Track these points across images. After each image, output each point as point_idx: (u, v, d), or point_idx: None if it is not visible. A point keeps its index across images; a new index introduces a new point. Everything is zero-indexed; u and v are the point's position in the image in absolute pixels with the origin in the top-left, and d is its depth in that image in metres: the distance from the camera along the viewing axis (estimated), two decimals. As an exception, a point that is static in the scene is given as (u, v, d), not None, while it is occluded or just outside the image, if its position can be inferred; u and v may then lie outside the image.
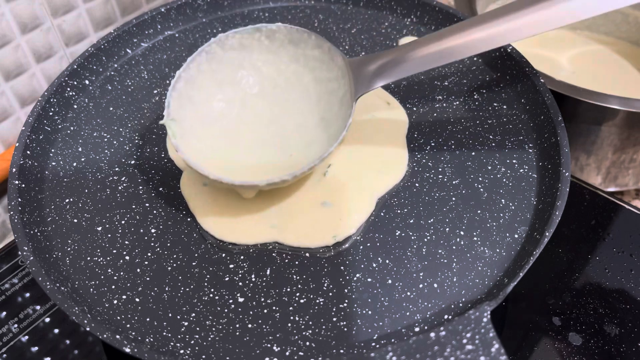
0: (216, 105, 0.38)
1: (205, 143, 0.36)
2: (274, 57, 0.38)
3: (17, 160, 0.37)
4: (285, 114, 0.38)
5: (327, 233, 0.35)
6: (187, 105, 0.37)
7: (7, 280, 0.43)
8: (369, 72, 0.36)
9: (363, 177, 0.37)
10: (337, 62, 0.37)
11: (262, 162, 0.36)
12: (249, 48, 0.38)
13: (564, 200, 0.33)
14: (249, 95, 0.39)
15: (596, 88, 0.43)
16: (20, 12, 0.46)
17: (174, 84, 0.36)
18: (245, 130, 0.38)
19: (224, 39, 0.37)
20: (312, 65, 0.38)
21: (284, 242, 0.35)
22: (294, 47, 0.38)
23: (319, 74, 0.38)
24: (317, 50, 0.37)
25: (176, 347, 0.30)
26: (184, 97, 0.37)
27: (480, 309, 0.26)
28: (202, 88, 0.37)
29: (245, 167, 0.36)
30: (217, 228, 0.35)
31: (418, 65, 0.35)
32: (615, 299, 0.39)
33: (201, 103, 0.37)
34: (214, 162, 0.35)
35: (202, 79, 0.37)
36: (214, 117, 0.38)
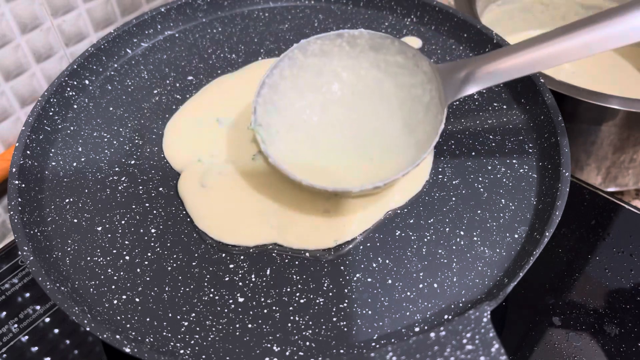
0: (298, 111, 0.38)
1: (289, 149, 0.37)
2: (354, 62, 0.39)
3: (17, 160, 0.37)
4: (365, 119, 0.38)
5: (328, 238, 0.35)
6: (272, 111, 0.37)
7: (7, 280, 0.43)
8: (459, 78, 0.35)
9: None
10: (423, 68, 0.37)
11: (344, 167, 0.37)
12: (329, 54, 0.38)
13: (564, 200, 0.33)
14: (329, 101, 0.39)
15: (596, 88, 0.43)
16: (20, 12, 0.46)
17: (258, 89, 0.37)
18: (326, 136, 0.38)
19: (305, 45, 0.38)
20: (393, 71, 0.38)
21: (283, 244, 0.35)
22: (375, 53, 0.38)
23: (401, 79, 0.38)
24: (400, 56, 0.37)
25: (176, 347, 0.30)
26: (269, 102, 0.37)
27: (480, 309, 0.26)
28: (285, 94, 0.38)
29: (328, 173, 0.36)
30: (215, 229, 0.35)
31: (507, 73, 0.35)
32: (615, 299, 0.39)
33: (285, 109, 0.38)
34: (298, 167, 0.35)
35: (284, 85, 0.38)
36: (296, 124, 0.38)
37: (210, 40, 0.48)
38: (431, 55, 0.46)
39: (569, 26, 0.33)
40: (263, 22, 0.49)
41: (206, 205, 0.36)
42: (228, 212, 0.36)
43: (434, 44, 0.46)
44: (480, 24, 0.45)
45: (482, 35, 0.44)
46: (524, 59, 0.34)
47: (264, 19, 0.49)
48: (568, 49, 0.33)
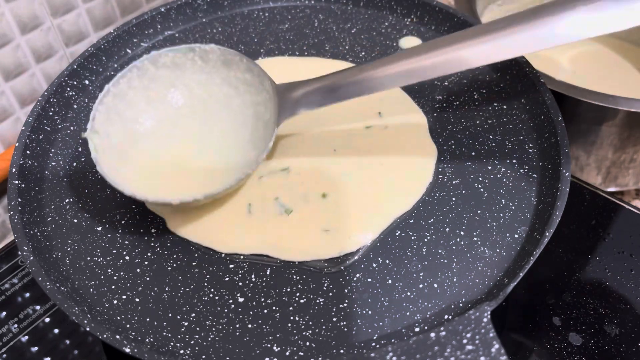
0: (147, 123, 0.38)
1: (133, 160, 0.36)
2: (206, 77, 0.39)
3: (17, 160, 0.37)
4: (214, 135, 0.38)
5: (326, 253, 0.34)
6: (116, 120, 0.36)
7: (7, 280, 0.43)
8: (293, 98, 0.36)
9: (376, 200, 0.36)
10: (266, 87, 0.37)
11: (189, 179, 0.36)
12: (182, 67, 0.38)
13: (564, 200, 0.33)
14: (179, 115, 0.39)
15: (596, 88, 0.43)
16: (20, 12, 0.46)
17: (101, 97, 0.36)
18: (174, 149, 0.38)
19: (156, 57, 0.37)
20: (242, 89, 0.38)
21: (279, 257, 0.34)
22: (227, 69, 0.38)
23: (248, 97, 0.38)
24: (248, 74, 0.38)
25: (176, 347, 0.30)
26: (113, 111, 0.36)
27: (480, 309, 0.26)
28: (133, 104, 0.37)
29: (174, 185, 0.36)
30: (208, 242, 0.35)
31: (340, 95, 0.36)
32: (615, 299, 0.39)
33: (131, 120, 0.37)
34: (140, 179, 0.35)
35: (132, 95, 0.37)
36: (144, 135, 0.37)
37: (210, 40, 0.48)
38: (431, 55, 0.46)
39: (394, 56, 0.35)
40: (263, 22, 0.49)
41: (193, 220, 0.36)
42: (220, 227, 0.35)
43: (434, 44, 0.46)
44: (480, 24, 0.45)
45: (482, 35, 0.44)
46: (348, 81, 0.35)
47: (264, 19, 0.49)
48: (392, 75, 0.34)
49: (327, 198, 0.36)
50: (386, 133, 0.40)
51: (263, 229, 0.35)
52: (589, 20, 0.31)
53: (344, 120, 0.41)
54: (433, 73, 0.34)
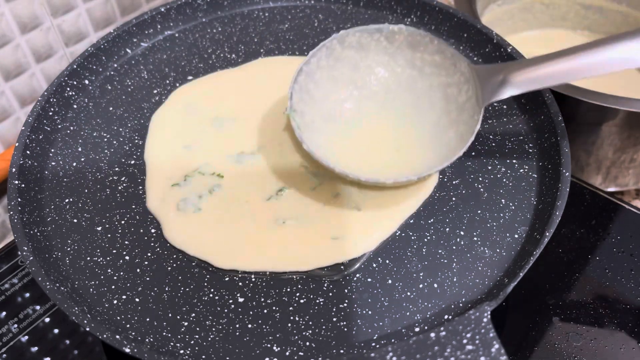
0: (333, 103, 0.39)
1: (323, 139, 0.37)
2: (389, 59, 0.39)
3: (17, 160, 0.37)
4: (397, 117, 0.39)
5: (332, 260, 0.34)
6: (307, 99, 0.38)
7: (7, 280, 0.43)
8: (497, 81, 0.35)
9: (383, 205, 0.36)
10: (460, 68, 0.37)
11: (374, 161, 0.37)
12: (367, 48, 0.39)
13: (564, 200, 0.33)
14: (363, 96, 0.39)
15: (596, 88, 0.43)
16: (20, 12, 0.46)
17: (295, 76, 0.37)
18: (358, 130, 0.38)
19: (344, 36, 0.38)
20: (429, 70, 0.38)
21: (288, 270, 0.34)
22: (412, 51, 0.38)
23: (436, 79, 0.38)
24: (438, 56, 0.38)
25: (176, 347, 0.30)
26: (304, 90, 0.37)
27: (480, 309, 0.26)
28: (319, 84, 0.38)
29: (359, 165, 0.36)
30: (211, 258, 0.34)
31: (543, 80, 0.35)
32: (615, 299, 0.39)
33: (319, 99, 0.38)
34: (330, 157, 0.35)
35: (320, 74, 0.38)
36: (330, 115, 0.38)
37: (210, 40, 0.48)
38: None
39: (608, 38, 0.34)
40: (263, 22, 0.49)
41: (193, 232, 0.35)
42: (225, 241, 0.35)
43: (434, 43, 0.46)
44: (480, 24, 0.45)
45: (482, 35, 0.44)
46: (561, 68, 0.34)
47: (264, 19, 0.49)
48: (605, 61, 0.33)
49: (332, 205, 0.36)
50: None
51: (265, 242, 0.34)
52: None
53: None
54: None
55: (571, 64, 0.34)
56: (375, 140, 0.38)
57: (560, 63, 0.34)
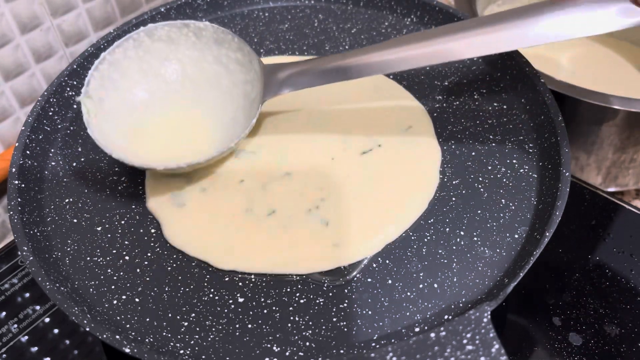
0: (140, 94, 0.39)
1: (123, 127, 0.38)
2: (199, 54, 0.40)
3: (17, 160, 0.37)
4: (202, 111, 0.40)
5: (333, 264, 0.34)
6: (110, 87, 0.38)
7: (7, 280, 0.43)
8: (279, 79, 0.38)
9: (383, 210, 0.36)
10: (254, 66, 0.39)
11: (174, 151, 0.38)
12: (176, 42, 0.40)
13: (564, 200, 0.33)
14: (170, 89, 0.40)
15: (596, 88, 0.43)
16: (20, 12, 0.46)
17: (97, 64, 0.37)
18: (163, 121, 0.39)
19: (152, 29, 0.39)
20: (233, 67, 0.40)
21: (287, 272, 0.34)
22: (218, 48, 0.39)
23: (237, 76, 0.40)
24: (239, 53, 0.39)
25: (176, 347, 0.30)
26: (106, 78, 0.38)
27: (480, 309, 0.26)
28: (127, 74, 0.39)
29: (160, 154, 0.37)
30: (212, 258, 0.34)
31: (321, 77, 0.37)
32: (615, 299, 0.39)
33: (124, 89, 0.39)
34: (129, 145, 0.37)
35: (127, 64, 0.39)
36: (136, 105, 0.39)
37: (210, 40, 0.48)
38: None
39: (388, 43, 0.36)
40: (263, 22, 0.49)
41: (191, 229, 0.35)
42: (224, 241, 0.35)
43: (434, 44, 0.46)
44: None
45: (482, 35, 0.44)
46: (332, 65, 0.37)
47: (264, 19, 0.49)
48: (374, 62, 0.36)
49: (332, 208, 0.36)
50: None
51: (266, 244, 0.34)
52: (575, 20, 0.33)
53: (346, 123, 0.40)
54: (419, 63, 0.35)
55: (341, 63, 0.37)
56: (173, 131, 0.39)
57: (331, 62, 0.37)
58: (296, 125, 0.40)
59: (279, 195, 0.36)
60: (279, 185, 0.37)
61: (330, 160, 0.38)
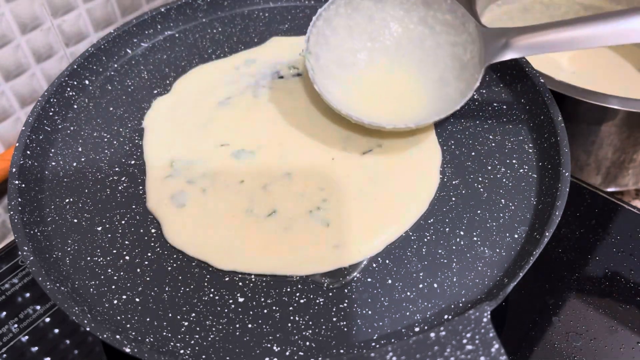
0: (347, 53, 0.41)
1: (334, 84, 0.39)
2: (404, 14, 0.41)
3: (17, 160, 0.37)
4: (404, 71, 0.41)
5: (333, 266, 0.34)
6: (323, 43, 0.39)
7: (7, 280, 0.43)
8: (500, 43, 0.38)
9: (383, 212, 0.36)
10: (468, 29, 0.39)
11: (380, 110, 0.39)
12: (384, 0, 0.41)
13: (564, 200, 0.33)
14: (375, 49, 0.41)
15: (596, 88, 0.43)
16: (20, 12, 0.46)
17: (314, 20, 0.39)
18: (367, 80, 0.41)
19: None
20: (439, 29, 0.40)
21: (287, 274, 0.34)
22: (426, 9, 0.41)
23: (445, 37, 0.40)
24: (450, 15, 0.40)
25: (176, 347, 0.30)
26: (321, 34, 0.40)
27: (480, 309, 0.26)
28: (336, 30, 0.40)
29: (363, 111, 0.38)
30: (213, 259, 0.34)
31: (544, 47, 0.37)
32: (615, 299, 0.39)
33: (335, 46, 0.40)
34: (339, 101, 0.38)
35: (337, 21, 0.40)
36: (344, 63, 0.41)
37: (210, 40, 0.48)
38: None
39: (610, 13, 0.36)
40: (263, 22, 0.49)
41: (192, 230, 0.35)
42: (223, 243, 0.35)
43: (434, 44, 0.46)
44: (480, 24, 0.45)
45: (482, 35, 0.44)
46: (561, 36, 0.36)
47: (264, 19, 0.49)
48: (606, 33, 0.35)
49: (333, 209, 0.36)
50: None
51: (267, 245, 0.34)
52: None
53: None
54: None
55: (572, 33, 0.36)
56: (382, 91, 0.40)
57: (562, 32, 0.37)
58: (296, 125, 0.40)
59: (279, 196, 0.36)
60: (280, 185, 0.37)
61: (331, 161, 0.38)
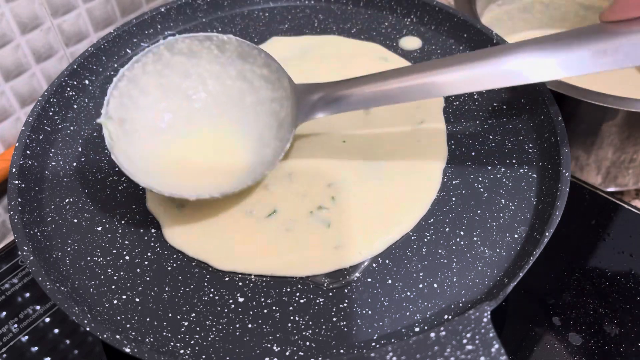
0: (161, 114, 0.37)
1: (147, 152, 0.36)
2: (220, 69, 0.38)
3: (17, 160, 0.37)
4: (223, 131, 0.38)
5: (333, 267, 0.34)
6: (130, 106, 0.36)
7: (7, 280, 0.43)
8: (311, 101, 0.36)
9: (385, 213, 0.35)
10: (283, 84, 0.36)
11: (198, 175, 0.36)
12: (198, 55, 0.37)
13: (564, 200, 0.33)
14: (192, 109, 0.38)
15: (596, 88, 0.43)
16: (20, 12, 0.46)
17: (116, 81, 0.35)
18: (184, 143, 0.37)
19: (173, 42, 0.36)
20: (257, 84, 0.38)
21: (288, 275, 0.33)
22: (242, 63, 0.37)
23: (263, 93, 0.37)
24: (266, 69, 0.37)
25: (176, 347, 0.30)
26: (126, 96, 0.36)
27: (480, 309, 0.26)
28: (146, 91, 0.37)
29: (182, 179, 0.35)
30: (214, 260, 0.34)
31: (358, 103, 0.35)
32: (615, 299, 0.39)
33: (145, 108, 0.37)
34: (154, 170, 0.35)
35: (146, 80, 0.37)
36: (157, 126, 0.37)
37: (210, 40, 0.47)
38: (431, 55, 0.46)
39: (428, 64, 0.34)
40: (263, 22, 0.49)
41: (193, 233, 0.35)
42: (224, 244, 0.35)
43: (433, 44, 0.46)
44: (480, 24, 0.45)
45: (482, 35, 0.44)
46: (374, 91, 0.35)
47: (264, 19, 0.49)
48: (425, 85, 0.34)
49: (334, 210, 0.35)
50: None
51: (267, 246, 0.34)
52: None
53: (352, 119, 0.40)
54: (471, 87, 0.34)
55: (375, 88, 0.34)
56: (199, 154, 0.37)
57: (375, 86, 0.35)
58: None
59: (280, 196, 0.36)
60: (280, 186, 0.37)
61: (333, 161, 0.38)
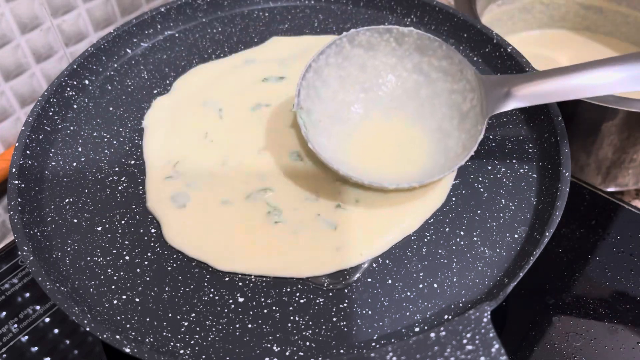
0: (340, 105, 0.39)
1: (328, 139, 0.37)
2: (397, 62, 0.39)
3: (17, 160, 0.37)
4: (400, 122, 0.39)
5: (334, 268, 0.34)
6: (314, 97, 0.37)
7: (7, 280, 0.43)
8: (502, 92, 0.35)
9: (388, 216, 0.35)
10: (467, 76, 0.37)
11: (377, 165, 0.37)
12: (375, 48, 0.38)
13: (564, 200, 0.33)
14: (369, 100, 0.39)
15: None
16: (20, 12, 0.46)
17: (304, 72, 0.37)
18: (362, 134, 0.38)
19: (354, 35, 0.38)
20: (434, 76, 0.38)
21: (289, 276, 0.33)
22: (420, 55, 0.38)
23: (441, 85, 0.38)
24: (446, 61, 0.37)
25: (176, 347, 0.30)
26: (311, 87, 0.37)
27: (480, 309, 0.26)
28: (327, 82, 0.38)
29: (362, 168, 0.36)
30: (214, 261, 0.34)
31: (547, 96, 0.35)
32: (615, 299, 0.39)
33: (327, 99, 0.38)
34: (334, 159, 0.35)
35: (328, 72, 0.38)
36: (338, 117, 0.38)
37: (210, 40, 0.48)
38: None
39: (617, 57, 0.33)
40: (263, 22, 0.49)
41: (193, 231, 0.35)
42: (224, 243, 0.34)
43: (434, 44, 0.46)
44: (480, 24, 0.45)
45: (482, 35, 0.44)
46: (567, 84, 0.34)
47: (264, 19, 0.49)
48: (616, 79, 0.33)
49: (336, 211, 0.35)
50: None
51: (267, 246, 0.34)
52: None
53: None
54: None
55: (578, 80, 0.34)
56: (379, 145, 0.38)
57: (567, 79, 0.34)
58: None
59: (281, 197, 0.36)
60: (281, 186, 0.37)
61: None
